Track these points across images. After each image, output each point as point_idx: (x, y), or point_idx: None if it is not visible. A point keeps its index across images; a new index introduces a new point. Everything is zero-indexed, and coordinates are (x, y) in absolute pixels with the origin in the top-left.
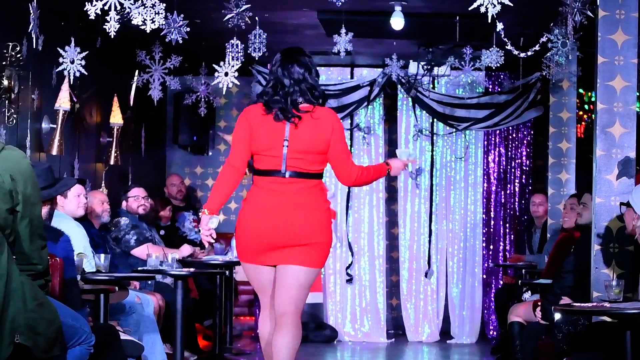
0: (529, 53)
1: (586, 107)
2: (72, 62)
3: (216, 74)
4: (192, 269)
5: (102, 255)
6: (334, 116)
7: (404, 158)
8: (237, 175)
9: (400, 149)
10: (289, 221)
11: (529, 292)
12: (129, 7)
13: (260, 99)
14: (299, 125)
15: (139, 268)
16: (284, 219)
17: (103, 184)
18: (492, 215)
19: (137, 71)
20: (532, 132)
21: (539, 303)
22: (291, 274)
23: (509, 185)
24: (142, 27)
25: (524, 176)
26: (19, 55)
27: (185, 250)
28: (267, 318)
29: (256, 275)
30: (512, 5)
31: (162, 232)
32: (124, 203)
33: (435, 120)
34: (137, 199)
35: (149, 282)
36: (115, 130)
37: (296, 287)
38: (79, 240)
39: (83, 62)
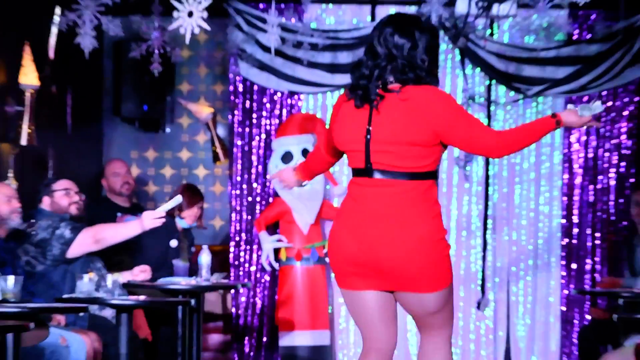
0: None
1: None
2: None
3: (176, 14)
4: (142, 297)
5: (11, 277)
6: (432, 93)
7: (586, 115)
8: (322, 159)
9: (583, 105)
10: (374, 237)
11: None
12: None
13: (352, 73)
14: (382, 109)
15: (65, 296)
16: (370, 234)
17: (11, 174)
18: (576, 221)
19: (58, 7)
20: (636, 100)
21: None
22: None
23: (600, 177)
24: None
25: (622, 164)
26: None
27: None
28: None
29: (350, 304)
30: None
31: (174, 244)
32: (45, 200)
33: (493, 82)
34: (67, 194)
35: (80, 314)
36: (27, 95)
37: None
38: None
39: None
